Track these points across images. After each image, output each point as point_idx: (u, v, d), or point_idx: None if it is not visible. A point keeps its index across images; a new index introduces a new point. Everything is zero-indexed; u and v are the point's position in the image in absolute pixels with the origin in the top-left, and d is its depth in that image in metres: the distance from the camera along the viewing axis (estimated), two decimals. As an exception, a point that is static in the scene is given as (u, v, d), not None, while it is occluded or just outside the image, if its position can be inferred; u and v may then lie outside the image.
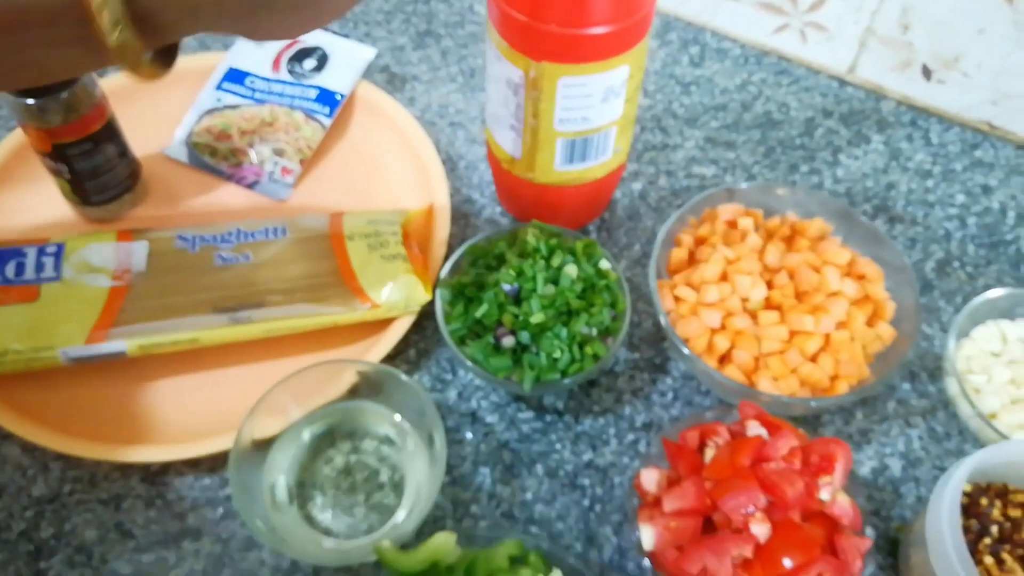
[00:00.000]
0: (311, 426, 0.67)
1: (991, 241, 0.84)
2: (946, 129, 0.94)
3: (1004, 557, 0.60)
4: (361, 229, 0.74)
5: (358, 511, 0.65)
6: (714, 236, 0.72)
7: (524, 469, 0.70)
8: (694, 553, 0.55)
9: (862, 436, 0.72)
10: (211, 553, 0.65)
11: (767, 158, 0.91)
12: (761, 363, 0.67)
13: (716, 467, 0.58)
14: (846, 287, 0.69)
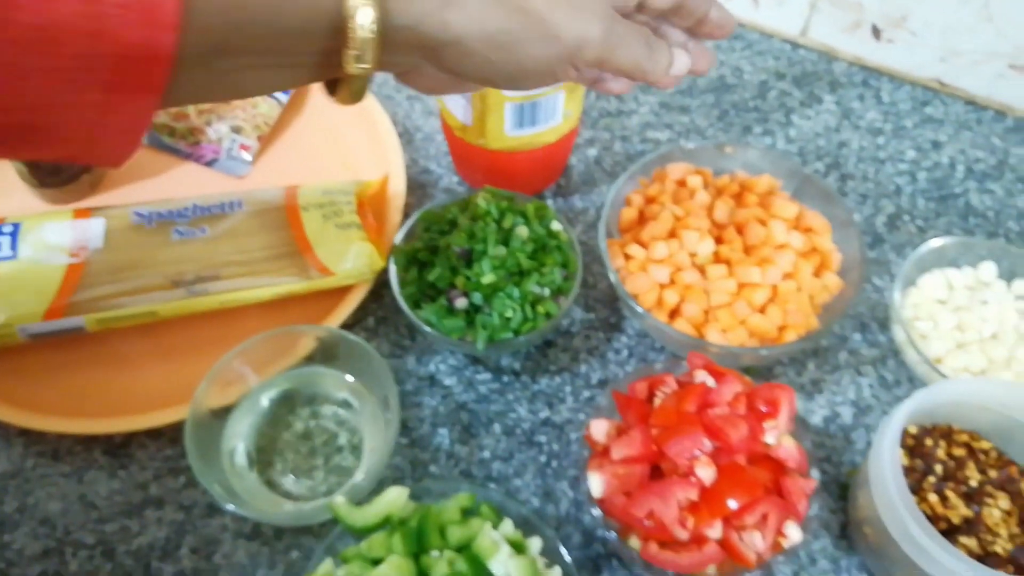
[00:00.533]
0: (269, 392, 0.68)
1: (940, 195, 0.86)
2: (897, 88, 0.95)
3: (947, 494, 0.61)
4: (316, 200, 0.75)
5: (318, 474, 0.66)
6: (664, 195, 0.73)
7: (482, 429, 0.71)
8: (641, 498, 0.56)
9: (814, 386, 0.73)
10: (173, 520, 0.66)
11: (721, 121, 0.92)
12: (710, 316, 0.68)
13: (662, 414, 0.59)
14: (793, 240, 0.70)
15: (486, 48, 0.46)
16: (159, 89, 0.39)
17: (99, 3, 0.36)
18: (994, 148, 0.89)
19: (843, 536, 0.66)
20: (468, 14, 0.44)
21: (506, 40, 0.46)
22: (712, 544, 0.56)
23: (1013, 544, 0.59)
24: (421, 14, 0.44)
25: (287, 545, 0.65)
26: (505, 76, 0.48)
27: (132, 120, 0.41)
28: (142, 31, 0.37)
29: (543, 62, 0.48)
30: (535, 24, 0.46)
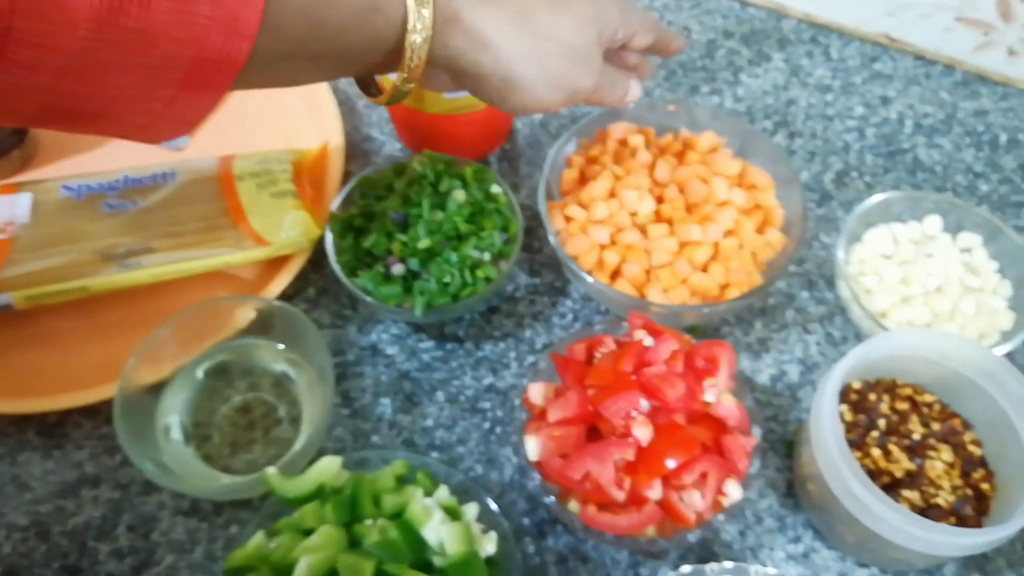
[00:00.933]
0: (204, 366, 0.67)
1: (889, 150, 0.85)
2: (846, 44, 0.94)
3: (891, 448, 0.61)
4: (250, 169, 0.73)
5: (256, 447, 0.65)
6: (605, 155, 0.72)
7: (425, 397, 0.70)
8: (577, 460, 0.55)
9: (761, 345, 0.72)
10: (110, 499, 0.65)
11: (668, 81, 0.90)
12: (652, 275, 0.67)
13: (598, 374, 0.58)
14: (735, 196, 0.69)
15: (502, 85, 0.56)
16: (225, 87, 0.44)
17: (192, 12, 0.40)
18: (942, 103, 0.89)
19: (789, 494, 0.65)
20: (496, 59, 0.54)
21: (521, 84, 0.56)
22: (651, 504, 0.55)
23: (955, 496, 0.59)
24: (461, 51, 0.53)
25: (226, 520, 0.64)
26: (509, 107, 0.58)
27: (193, 112, 0.46)
28: (224, 40, 0.42)
29: (544, 103, 0.58)
30: (547, 75, 0.56)
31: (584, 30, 0.58)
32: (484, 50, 0.53)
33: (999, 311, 0.69)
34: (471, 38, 0.53)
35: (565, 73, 0.57)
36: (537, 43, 0.55)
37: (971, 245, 0.73)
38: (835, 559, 0.62)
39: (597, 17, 0.59)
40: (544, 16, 0.56)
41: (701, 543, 0.63)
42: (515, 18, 0.55)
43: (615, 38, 0.62)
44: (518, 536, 0.63)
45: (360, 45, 0.50)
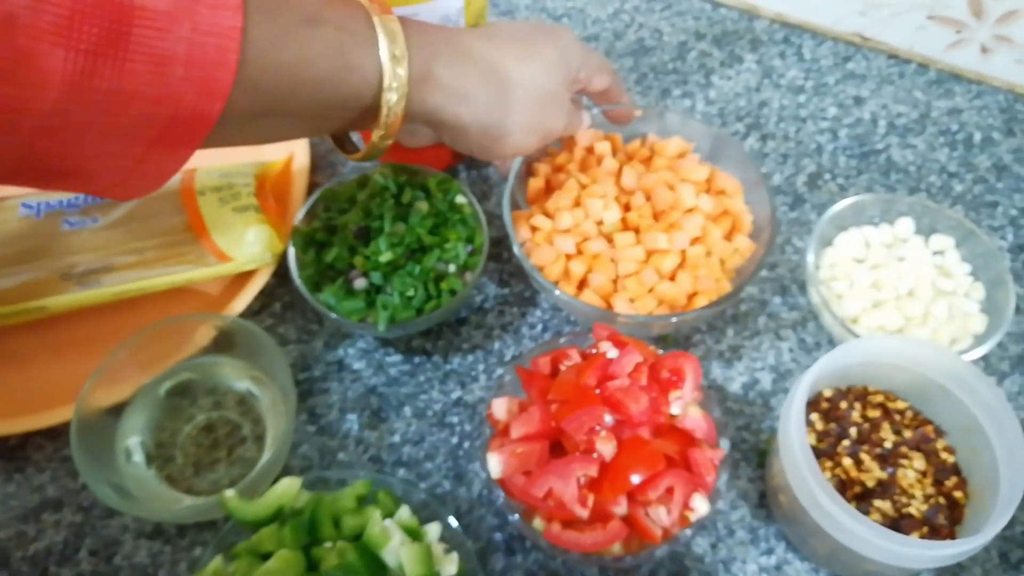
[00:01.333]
0: (166, 385, 0.66)
1: (862, 151, 0.84)
2: (819, 44, 0.93)
3: (862, 457, 0.60)
4: (212, 183, 0.72)
5: (220, 467, 0.64)
6: (571, 163, 0.71)
7: (392, 412, 0.69)
8: (539, 477, 0.54)
9: (733, 352, 0.71)
10: (72, 523, 0.64)
11: (639, 85, 0.89)
12: (619, 285, 0.66)
13: (561, 388, 0.57)
14: (703, 203, 0.68)
15: (482, 135, 0.59)
16: (196, 144, 0.45)
17: (166, 74, 0.41)
18: (916, 102, 0.88)
19: (762, 505, 0.64)
20: (474, 111, 0.57)
21: (499, 133, 0.59)
22: (616, 521, 0.54)
23: (928, 505, 0.58)
24: (439, 105, 0.55)
25: (190, 542, 0.63)
26: (489, 155, 0.61)
27: (164, 168, 0.47)
28: (197, 99, 0.43)
29: (522, 148, 0.61)
30: (523, 122, 0.59)
31: (552, 74, 0.61)
32: (462, 103, 0.56)
33: (971, 315, 0.68)
34: (448, 93, 0.55)
35: (540, 118, 0.61)
36: (511, 92, 0.58)
37: (944, 247, 0.72)
38: (808, 571, 0.61)
39: (562, 59, 0.62)
40: (515, 66, 0.58)
41: (672, 557, 0.62)
42: (489, 71, 0.57)
43: (578, 78, 0.65)
44: (486, 553, 0.62)
45: (336, 102, 0.51)
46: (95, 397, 0.61)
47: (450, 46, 0.56)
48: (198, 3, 0.42)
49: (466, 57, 0.56)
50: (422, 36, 0.54)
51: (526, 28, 0.62)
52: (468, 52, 0.56)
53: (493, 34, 0.60)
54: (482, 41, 0.58)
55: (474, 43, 0.57)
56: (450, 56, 0.55)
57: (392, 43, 0.51)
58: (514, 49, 0.59)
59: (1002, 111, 0.87)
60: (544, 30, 0.62)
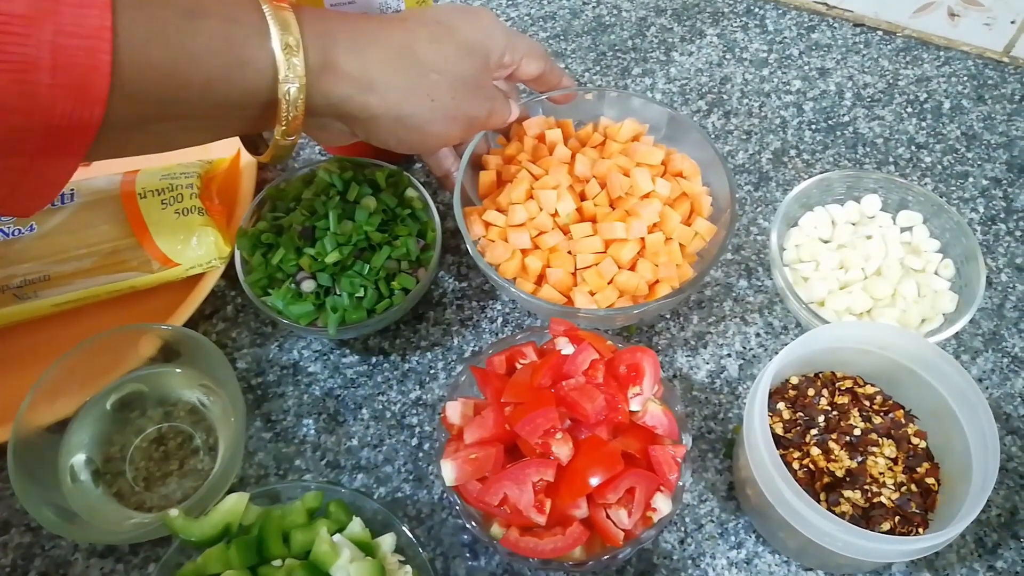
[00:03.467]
0: (112, 398, 0.64)
1: (828, 125, 0.82)
2: (782, 14, 0.90)
3: (831, 446, 0.58)
4: (153, 185, 0.69)
5: (172, 480, 0.62)
6: (522, 153, 0.69)
7: (349, 415, 0.66)
8: (495, 484, 0.52)
9: (698, 340, 0.69)
10: (20, 544, 0.62)
11: (598, 64, 0.87)
12: (578, 278, 0.64)
13: (515, 389, 0.55)
14: (659, 187, 0.65)
15: (397, 126, 0.55)
16: (81, 153, 0.43)
17: (30, 82, 0.38)
18: (883, 71, 0.85)
19: (730, 497, 0.63)
20: (385, 99, 0.53)
21: (415, 122, 0.55)
22: (576, 525, 0.52)
23: (899, 493, 0.57)
24: (345, 95, 0.52)
25: (143, 559, 0.61)
26: (407, 147, 0.58)
27: (52, 180, 0.44)
28: (72, 106, 0.40)
29: (443, 137, 0.58)
30: (440, 108, 0.56)
31: (470, 58, 0.58)
32: (370, 92, 0.52)
33: (941, 293, 0.66)
34: (354, 82, 0.51)
35: (458, 104, 0.57)
36: (424, 77, 0.55)
37: (912, 223, 0.70)
38: (779, 564, 0.60)
39: (481, 42, 0.59)
40: (427, 48, 0.55)
41: (639, 555, 0.60)
42: (397, 55, 0.53)
43: (502, 63, 0.62)
44: (448, 557, 0.60)
45: (230, 101, 0.47)
46: (34, 415, 0.59)
47: (352, 32, 0.52)
48: (60, 3, 0.39)
49: (371, 42, 0.52)
50: (319, 23, 0.50)
51: (443, 10, 0.59)
52: (373, 37, 0.53)
53: (403, 17, 0.57)
54: (390, 25, 0.55)
55: (380, 27, 0.54)
56: (352, 42, 0.52)
57: (285, 32, 0.47)
58: (426, 32, 0.56)
59: (971, 77, 0.85)
60: (462, 11, 0.59)
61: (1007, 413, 0.65)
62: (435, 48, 0.55)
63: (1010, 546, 0.60)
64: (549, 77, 0.67)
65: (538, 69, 0.65)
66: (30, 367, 0.65)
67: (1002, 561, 0.59)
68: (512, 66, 0.64)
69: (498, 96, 0.63)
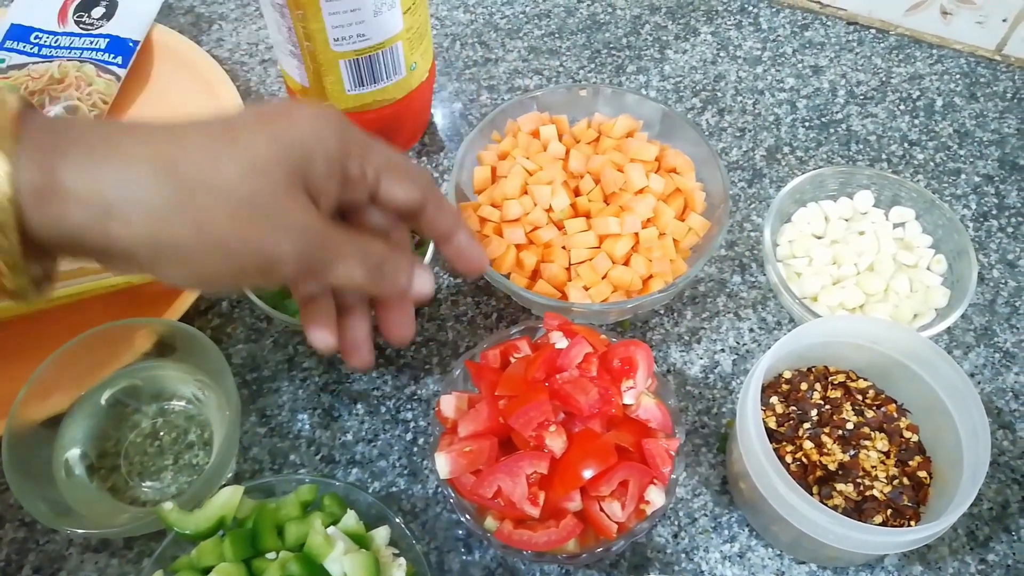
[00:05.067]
0: (108, 393, 0.64)
1: (821, 122, 0.82)
2: (776, 13, 0.91)
3: (824, 440, 0.59)
4: (149, 180, 0.69)
5: (166, 475, 0.62)
6: (516, 149, 0.69)
7: (344, 410, 0.67)
8: (488, 476, 0.52)
9: (692, 335, 0.70)
10: (14, 540, 0.62)
11: (592, 62, 0.87)
12: (572, 273, 0.65)
13: (509, 383, 0.55)
14: (653, 183, 0.66)
15: (153, 256, 0.40)
16: None
17: None
18: (876, 69, 0.86)
19: (724, 491, 0.63)
20: (130, 227, 0.39)
21: (178, 255, 0.41)
22: (570, 518, 0.52)
23: (891, 487, 0.57)
24: (80, 225, 0.38)
25: (138, 553, 0.61)
26: (172, 281, 0.43)
27: None
28: None
29: (227, 275, 0.43)
30: (209, 241, 0.41)
31: (265, 173, 0.42)
32: (109, 218, 0.38)
33: (933, 288, 0.66)
34: (86, 206, 0.38)
35: (237, 234, 0.41)
36: (189, 197, 0.40)
37: (905, 219, 0.70)
38: (772, 557, 0.60)
39: (296, 146, 0.43)
40: (197, 159, 0.40)
41: (633, 549, 0.60)
42: (150, 169, 0.39)
43: (346, 175, 0.46)
44: (443, 551, 0.60)
45: None
46: (29, 410, 0.59)
47: (91, 140, 0.39)
48: None
49: (117, 154, 0.39)
50: (47, 132, 0.39)
51: (247, 113, 0.44)
52: (121, 148, 0.39)
53: (177, 124, 0.42)
54: (150, 133, 0.41)
55: (136, 136, 0.41)
56: (88, 156, 0.39)
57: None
58: (203, 140, 0.41)
59: (964, 75, 0.86)
60: (271, 112, 0.44)
61: (999, 408, 0.66)
62: (209, 158, 0.40)
63: (1001, 539, 0.60)
64: (434, 215, 0.51)
65: (408, 197, 0.49)
66: (25, 362, 0.65)
67: (993, 554, 0.60)
68: (364, 183, 0.47)
69: (340, 238, 0.45)
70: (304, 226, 0.43)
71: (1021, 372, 0.67)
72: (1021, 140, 0.80)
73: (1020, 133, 0.81)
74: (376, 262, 0.47)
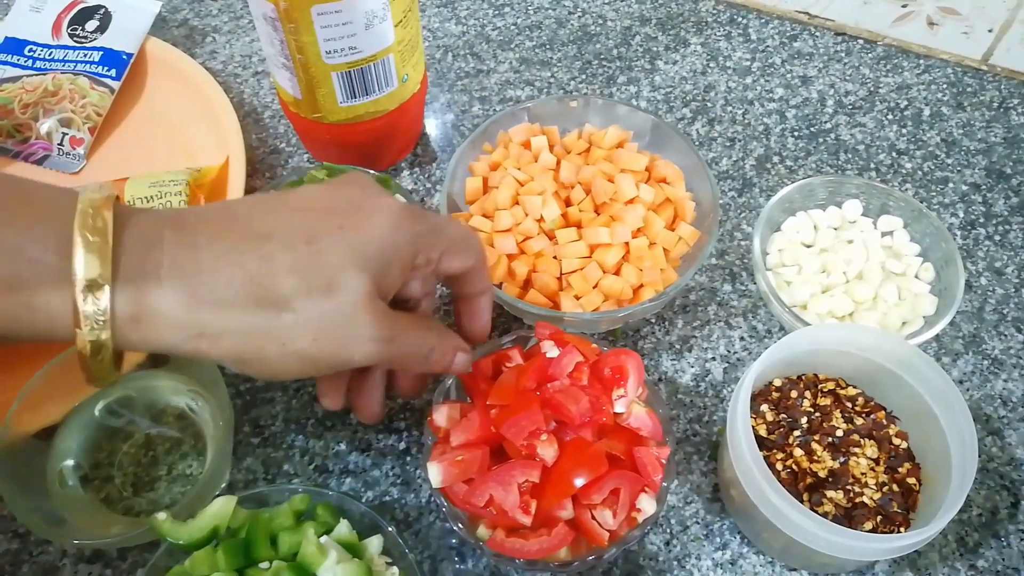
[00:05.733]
0: (102, 403, 0.64)
1: (810, 132, 0.83)
2: (764, 24, 0.92)
3: (814, 447, 0.59)
4: (142, 193, 0.70)
5: (160, 485, 0.62)
6: (508, 160, 0.69)
7: (337, 420, 0.67)
8: (480, 485, 0.52)
9: (683, 343, 0.70)
10: (7, 551, 0.62)
11: (583, 73, 0.88)
12: (564, 282, 0.65)
13: (500, 392, 0.55)
14: (643, 192, 0.66)
15: (240, 366, 0.45)
16: None
17: None
18: (864, 79, 0.87)
19: (715, 499, 0.63)
20: (223, 347, 0.43)
21: (260, 364, 0.44)
22: (562, 526, 0.52)
23: (881, 493, 0.57)
24: (171, 343, 0.42)
25: (132, 564, 0.61)
26: (263, 379, 0.49)
27: None
28: None
29: (300, 375, 0.46)
30: (291, 353, 0.44)
31: (344, 289, 0.44)
32: (200, 339, 0.42)
33: (921, 296, 0.67)
34: (179, 328, 0.42)
35: (317, 348, 0.44)
36: (276, 318, 0.43)
37: (893, 228, 0.71)
38: (763, 564, 0.60)
39: (372, 260, 0.45)
40: (285, 280, 0.43)
41: (626, 557, 0.61)
42: (241, 291, 0.42)
43: (414, 264, 0.49)
44: (436, 560, 0.61)
45: (27, 339, 0.42)
46: (22, 422, 0.59)
47: (182, 260, 0.42)
48: None
49: (209, 279, 0.42)
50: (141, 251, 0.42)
51: (325, 212, 0.46)
52: (212, 270, 0.42)
53: (266, 234, 0.44)
54: (239, 245, 0.43)
55: (225, 252, 0.43)
56: (181, 279, 0.42)
57: (90, 268, 0.40)
58: (289, 257, 0.43)
59: (950, 85, 0.86)
60: (350, 211, 0.46)
61: (987, 414, 0.66)
62: (294, 278, 0.43)
63: (991, 545, 0.61)
64: (475, 278, 0.54)
65: (463, 267, 0.52)
66: (17, 372, 0.65)
67: (983, 560, 0.60)
68: (427, 267, 0.50)
69: (407, 334, 0.48)
70: (377, 337, 0.45)
71: (1009, 379, 0.68)
72: (1008, 149, 0.81)
73: (1007, 142, 0.82)
74: (427, 353, 0.51)
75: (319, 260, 0.44)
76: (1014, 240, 0.75)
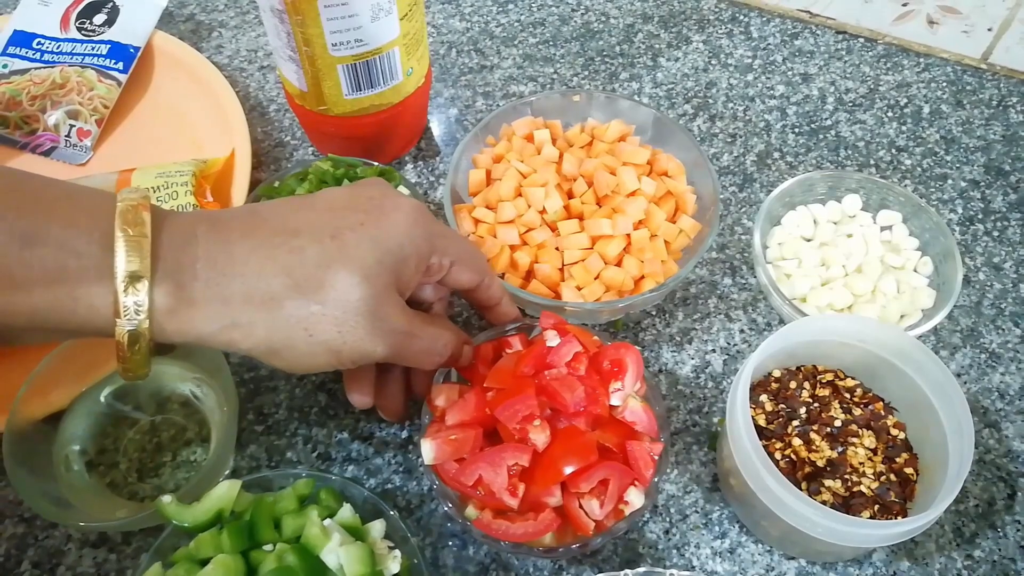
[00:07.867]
0: (107, 390, 0.64)
1: (811, 129, 0.83)
2: (766, 22, 0.92)
3: (812, 437, 0.60)
4: (149, 183, 0.71)
5: (164, 471, 0.63)
6: (511, 152, 0.70)
7: (340, 408, 0.67)
8: (471, 465, 0.53)
9: (684, 335, 0.71)
10: (13, 535, 0.62)
11: (586, 69, 0.88)
12: (566, 273, 0.66)
13: (497, 377, 0.56)
14: (645, 185, 0.67)
15: (268, 356, 0.48)
16: None
17: None
18: (864, 77, 0.87)
19: (715, 488, 0.64)
20: (254, 338, 0.46)
21: (287, 354, 0.47)
22: (548, 512, 0.53)
23: (878, 483, 0.58)
24: (205, 333, 0.45)
25: (136, 548, 0.62)
26: (289, 371, 0.49)
27: None
28: None
29: (325, 366, 0.49)
30: (318, 343, 0.47)
31: (367, 280, 0.47)
32: (233, 329, 0.45)
33: (920, 289, 0.68)
34: (214, 318, 0.45)
35: (343, 338, 0.47)
36: (304, 308, 0.46)
37: (892, 222, 0.71)
38: (762, 553, 0.61)
39: (391, 253, 0.49)
40: (313, 274, 0.46)
41: (625, 544, 0.61)
42: (277, 286, 0.46)
43: (427, 267, 0.53)
44: (438, 547, 0.61)
45: (67, 331, 0.44)
46: (29, 407, 0.59)
47: (217, 256, 0.45)
48: None
49: (243, 273, 0.45)
50: (178, 247, 0.45)
51: (349, 210, 0.50)
52: (245, 264, 0.46)
53: (295, 229, 0.48)
54: (271, 239, 0.47)
55: (258, 246, 0.46)
56: (215, 271, 0.45)
57: (131, 263, 0.42)
58: (318, 251, 0.47)
59: (950, 83, 0.87)
60: (371, 209, 0.50)
61: (984, 407, 0.67)
62: (322, 271, 0.46)
63: (987, 535, 0.61)
64: (486, 293, 0.58)
65: (471, 281, 0.56)
66: (25, 359, 0.66)
67: (979, 550, 0.61)
68: (439, 273, 0.54)
69: (418, 330, 0.52)
70: (397, 329, 0.49)
71: (1006, 372, 0.68)
72: (1006, 146, 0.82)
73: (1005, 139, 0.82)
74: (441, 349, 0.54)
75: (346, 249, 0.47)
76: (1012, 236, 0.76)
